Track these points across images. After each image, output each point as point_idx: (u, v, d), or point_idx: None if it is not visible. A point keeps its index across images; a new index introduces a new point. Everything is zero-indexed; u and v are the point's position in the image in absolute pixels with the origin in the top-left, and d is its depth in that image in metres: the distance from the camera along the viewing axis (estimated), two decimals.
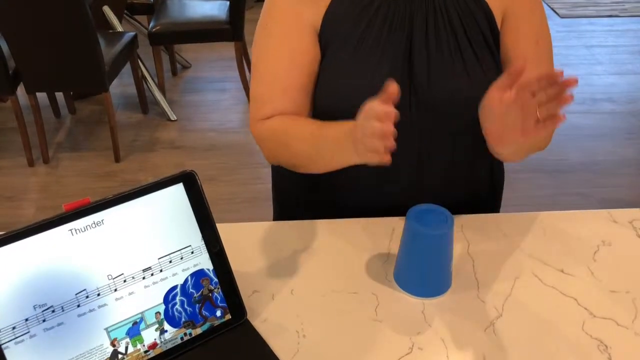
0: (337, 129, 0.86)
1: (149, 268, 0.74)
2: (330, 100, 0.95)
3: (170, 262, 0.76)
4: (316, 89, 0.97)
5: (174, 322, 0.76)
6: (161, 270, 0.75)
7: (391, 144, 0.72)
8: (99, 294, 0.71)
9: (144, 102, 3.14)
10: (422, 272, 0.85)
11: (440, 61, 0.91)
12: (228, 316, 0.80)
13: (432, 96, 0.92)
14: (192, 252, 0.77)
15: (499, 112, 0.77)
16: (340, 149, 0.84)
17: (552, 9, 4.39)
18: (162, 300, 0.75)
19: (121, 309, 0.73)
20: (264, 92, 0.97)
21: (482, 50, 0.92)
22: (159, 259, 0.75)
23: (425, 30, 0.91)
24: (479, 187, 1.08)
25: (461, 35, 0.91)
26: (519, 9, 0.94)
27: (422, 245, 0.83)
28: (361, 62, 0.92)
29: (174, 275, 0.76)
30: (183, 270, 0.76)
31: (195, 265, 0.77)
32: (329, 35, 0.93)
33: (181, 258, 0.76)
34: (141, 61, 3.11)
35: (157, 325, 0.75)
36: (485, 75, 0.92)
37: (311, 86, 0.96)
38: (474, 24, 0.92)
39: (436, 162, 0.99)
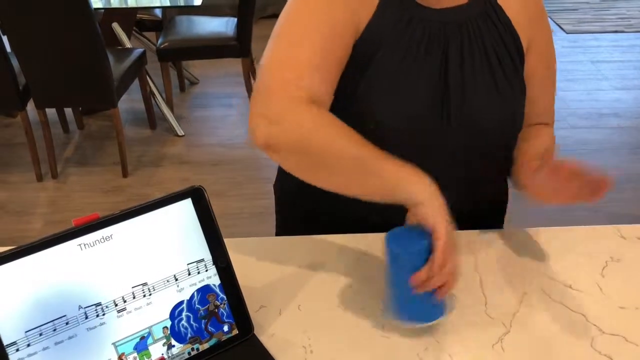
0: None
1: (157, 283, 0.75)
2: (363, 115, 0.92)
3: (177, 277, 0.76)
4: (357, 94, 0.91)
5: (180, 338, 0.76)
6: (169, 285, 0.75)
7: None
8: (106, 309, 0.72)
9: (152, 118, 3.16)
10: (406, 295, 0.76)
11: (474, 82, 0.93)
12: (235, 331, 0.80)
13: (465, 115, 0.93)
14: (200, 268, 0.77)
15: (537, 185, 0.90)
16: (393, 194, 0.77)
17: (558, 24, 4.41)
18: (168, 316, 0.75)
19: (129, 323, 0.73)
20: (303, 59, 0.82)
21: (511, 73, 0.96)
22: (166, 274, 0.75)
23: (460, 52, 0.92)
24: (487, 202, 1.08)
25: (493, 59, 0.94)
26: (540, 35, 0.99)
27: (400, 267, 0.75)
28: (402, 78, 0.92)
29: (181, 290, 0.76)
30: (190, 285, 0.77)
31: (201, 281, 0.77)
32: (367, 49, 0.90)
33: (189, 273, 0.77)
34: (149, 77, 3.14)
35: (164, 340, 0.75)
36: (514, 95, 0.96)
37: (343, 64, 0.88)
38: (504, 50, 0.95)
39: (452, 180, 0.99)
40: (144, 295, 0.74)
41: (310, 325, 0.84)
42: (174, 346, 0.75)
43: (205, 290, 0.78)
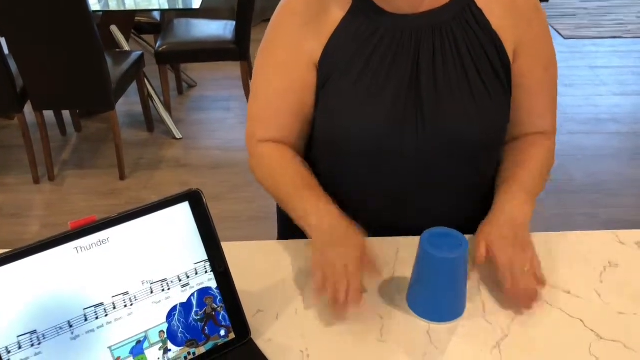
0: (316, 214, 0.92)
1: (154, 286, 0.74)
2: (332, 128, 0.97)
3: (175, 280, 0.76)
4: (317, 118, 0.99)
5: (176, 341, 0.75)
6: (165, 289, 0.75)
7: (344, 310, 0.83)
8: (103, 313, 0.71)
9: (149, 121, 3.16)
10: (437, 296, 0.83)
11: (447, 86, 0.91)
12: (232, 335, 0.79)
13: (439, 121, 0.92)
14: (197, 271, 0.77)
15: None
16: (303, 224, 0.93)
17: (556, 30, 4.43)
18: (165, 319, 0.75)
19: (125, 327, 0.72)
20: (258, 112, 1.02)
21: (489, 77, 0.93)
22: (163, 277, 0.75)
23: (432, 57, 0.91)
24: (486, 209, 1.07)
25: (468, 63, 0.92)
26: (531, 37, 0.95)
27: (435, 269, 0.81)
28: (363, 90, 0.92)
29: (177, 293, 0.76)
30: (187, 288, 0.76)
31: (199, 284, 0.77)
32: (330, 66, 0.94)
33: (186, 277, 0.76)
34: (147, 80, 3.14)
35: (160, 344, 0.74)
36: (492, 100, 0.93)
37: (303, 113, 0.99)
38: (482, 52, 0.92)
39: (443, 186, 0.99)
40: (141, 299, 0.73)
41: (307, 329, 0.83)
42: (170, 350, 0.75)
43: (202, 293, 0.77)
